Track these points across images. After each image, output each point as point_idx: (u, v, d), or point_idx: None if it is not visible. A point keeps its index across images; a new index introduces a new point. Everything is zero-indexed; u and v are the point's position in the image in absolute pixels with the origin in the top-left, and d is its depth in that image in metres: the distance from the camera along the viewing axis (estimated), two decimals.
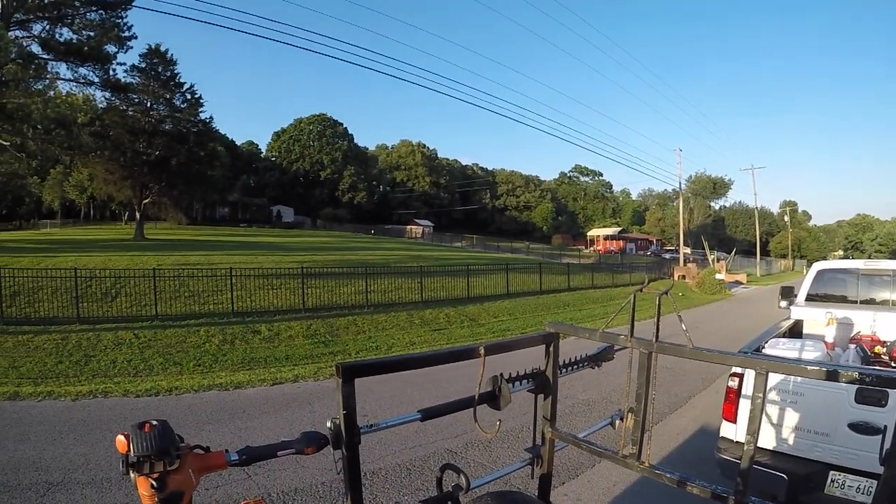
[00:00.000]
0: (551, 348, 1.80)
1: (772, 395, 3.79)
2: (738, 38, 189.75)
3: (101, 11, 29.28)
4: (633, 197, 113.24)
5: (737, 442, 4.13)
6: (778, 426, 3.80)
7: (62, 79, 30.00)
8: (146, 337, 11.92)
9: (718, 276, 31.49)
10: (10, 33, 25.35)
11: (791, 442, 3.75)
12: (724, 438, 4.26)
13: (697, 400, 8.01)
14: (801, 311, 6.42)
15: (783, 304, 6.80)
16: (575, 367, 2.05)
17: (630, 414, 1.64)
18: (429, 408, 1.56)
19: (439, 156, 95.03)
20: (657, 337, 1.51)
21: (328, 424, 1.27)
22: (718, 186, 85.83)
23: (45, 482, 4.88)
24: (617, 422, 2.04)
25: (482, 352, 1.50)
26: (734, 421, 4.18)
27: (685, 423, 6.89)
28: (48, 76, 29.42)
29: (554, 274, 26.49)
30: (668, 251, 74.60)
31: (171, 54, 37.05)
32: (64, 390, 8.26)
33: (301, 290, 15.78)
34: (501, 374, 1.68)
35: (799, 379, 3.65)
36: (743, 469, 1.29)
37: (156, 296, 13.88)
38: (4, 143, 27.46)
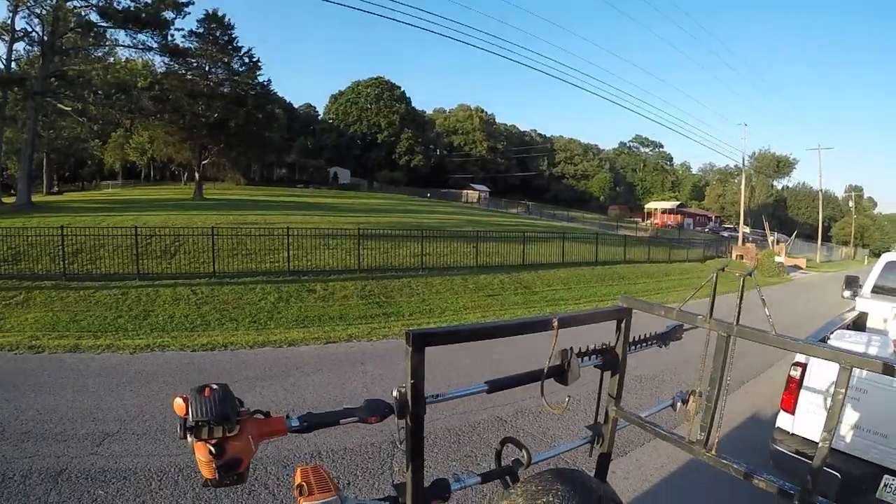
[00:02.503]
0: (622, 324, 1.72)
1: (833, 390, 3.61)
2: (809, 16, 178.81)
3: None
4: (694, 171, 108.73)
5: (793, 434, 4.01)
6: (837, 422, 3.64)
7: (121, 45, 30.62)
8: (203, 293, 12.30)
9: (778, 259, 30.40)
10: (68, 3, 26.05)
11: (848, 440, 3.60)
12: (779, 429, 4.12)
13: (751, 386, 7.78)
14: (866, 303, 6.16)
15: (847, 294, 6.50)
16: (643, 344, 1.96)
17: (694, 397, 1.55)
18: (495, 380, 1.49)
19: (497, 121, 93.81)
20: (738, 320, 1.41)
21: (393, 393, 1.23)
22: (782, 165, 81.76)
23: (100, 432, 5.11)
24: (678, 404, 1.94)
25: (556, 324, 1.43)
26: (792, 412, 4.03)
27: (738, 409, 6.66)
28: (107, 43, 30.16)
29: (610, 245, 26.05)
30: (726, 229, 72.21)
31: (229, 19, 37.42)
32: (123, 343, 8.64)
33: (357, 251, 15.97)
34: (571, 349, 1.60)
35: (864, 375, 3.46)
36: (815, 467, 1.21)
37: (213, 254, 14.21)
38: (66, 108, 28.55)
